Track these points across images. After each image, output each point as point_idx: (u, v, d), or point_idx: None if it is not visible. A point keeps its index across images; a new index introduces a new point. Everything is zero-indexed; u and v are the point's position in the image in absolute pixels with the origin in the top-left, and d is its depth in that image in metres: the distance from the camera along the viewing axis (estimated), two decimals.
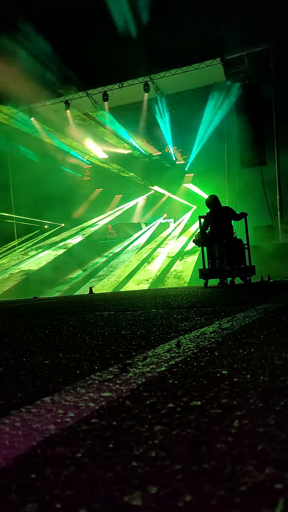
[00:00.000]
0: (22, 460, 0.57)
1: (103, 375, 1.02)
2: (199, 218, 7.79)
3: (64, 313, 3.40)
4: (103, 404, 0.79)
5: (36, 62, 10.26)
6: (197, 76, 12.84)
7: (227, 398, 0.77)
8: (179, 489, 0.47)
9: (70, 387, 0.94)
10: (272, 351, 1.16)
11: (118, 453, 0.58)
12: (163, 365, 1.08)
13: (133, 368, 1.07)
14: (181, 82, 13.22)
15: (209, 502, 0.44)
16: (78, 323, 2.41)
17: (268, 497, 0.44)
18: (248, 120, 11.73)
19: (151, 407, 0.76)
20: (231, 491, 0.46)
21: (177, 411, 0.72)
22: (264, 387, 0.82)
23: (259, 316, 2.03)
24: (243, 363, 1.04)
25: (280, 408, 0.70)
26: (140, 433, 0.64)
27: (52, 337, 1.83)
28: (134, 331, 1.81)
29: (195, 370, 1.01)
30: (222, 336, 1.50)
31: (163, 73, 12.79)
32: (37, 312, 3.78)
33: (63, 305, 4.75)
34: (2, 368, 1.21)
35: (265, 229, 11.35)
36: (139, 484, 0.49)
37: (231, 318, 2.01)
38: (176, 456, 0.55)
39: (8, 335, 2.05)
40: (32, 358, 1.34)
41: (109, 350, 1.39)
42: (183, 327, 1.81)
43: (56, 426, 0.70)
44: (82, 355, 1.33)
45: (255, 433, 0.61)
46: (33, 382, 1.02)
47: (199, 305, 3.11)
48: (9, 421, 0.74)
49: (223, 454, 0.55)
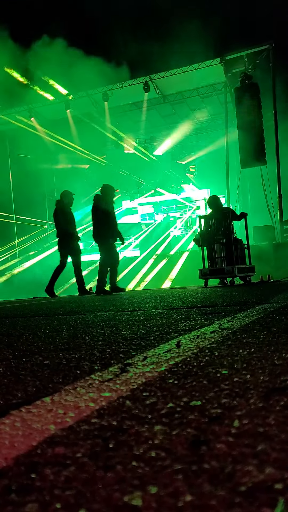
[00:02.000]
0: (22, 460, 0.57)
1: (103, 375, 1.02)
2: (199, 218, 7.80)
3: (64, 313, 3.40)
4: (103, 404, 0.79)
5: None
6: (197, 76, 12.84)
7: (227, 398, 0.77)
8: (179, 489, 0.47)
9: (70, 387, 0.94)
10: (272, 351, 1.16)
11: (118, 453, 0.58)
12: (163, 365, 1.08)
13: (133, 368, 1.07)
14: (181, 82, 13.22)
15: (209, 502, 0.44)
16: (78, 323, 2.41)
17: (268, 497, 0.44)
18: (248, 120, 11.73)
19: (151, 407, 0.76)
20: (231, 491, 0.46)
21: (177, 411, 0.72)
22: (264, 387, 0.82)
23: (259, 316, 2.03)
24: (243, 363, 1.04)
25: (280, 408, 0.70)
26: (140, 433, 0.64)
27: (52, 337, 1.83)
28: (134, 331, 1.81)
29: (195, 370, 1.01)
30: (222, 336, 1.50)
31: (163, 73, 12.79)
32: (37, 312, 3.78)
33: (63, 305, 4.75)
34: (2, 368, 1.21)
35: (265, 229, 11.34)
36: (139, 484, 0.49)
37: (231, 318, 2.01)
38: (176, 456, 0.55)
39: (8, 335, 2.05)
40: (32, 358, 1.34)
41: (109, 350, 1.39)
42: (183, 327, 1.81)
43: (56, 426, 0.69)
44: (82, 355, 1.33)
45: (255, 433, 0.61)
46: (33, 382, 1.02)
47: (199, 305, 3.11)
48: (9, 421, 0.74)
49: (223, 454, 0.55)
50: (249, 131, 11.66)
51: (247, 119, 11.75)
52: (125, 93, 13.44)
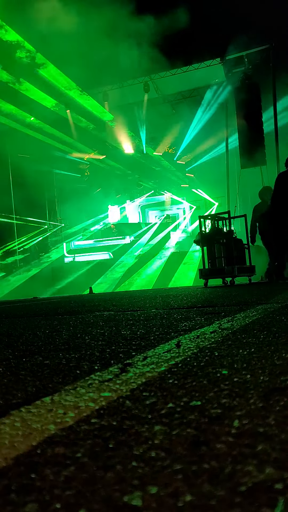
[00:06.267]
0: (22, 460, 0.57)
1: (103, 375, 1.02)
2: (199, 218, 7.80)
3: (64, 313, 3.40)
4: (103, 404, 0.79)
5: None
6: (197, 76, 12.84)
7: (227, 398, 0.77)
8: (179, 489, 0.47)
9: (70, 387, 0.94)
10: (272, 351, 1.16)
11: (118, 453, 0.58)
12: (163, 365, 1.08)
13: (133, 368, 1.07)
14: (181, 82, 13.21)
15: (209, 502, 0.44)
16: (78, 323, 2.41)
17: (268, 497, 0.44)
18: (248, 120, 11.73)
19: (151, 407, 0.76)
20: (231, 491, 0.46)
21: (177, 411, 0.72)
22: (264, 387, 0.82)
23: (259, 316, 2.03)
24: (243, 363, 1.04)
25: (280, 408, 0.70)
26: (140, 433, 0.64)
27: (52, 337, 1.83)
28: (134, 331, 1.81)
29: (195, 370, 1.01)
30: (222, 336, 1.50)
31: (163, 73, 12.79)
32: (37, 312, 3.78)
33: (63, 305, 4.75)
34: (2, 368, 1.21)
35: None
36: (139, 484, 0.49)
37: (231, 318, 2.01)
38: (176, 456, 0.55)
39: (8, 335, 2.05)
40: (32, 358, 1.34)
41: (109, 350, 1.39)
42: (183, 327, 1.81)
43: (56, 426, 0.69)
44: (82, 355, 1.33)
45: (255, 433, 0.61)
46: (33, 382, 1.02)
47: (199, 305, 3.11)
48: (9, 421, 0.74)
49: (223, 454, 0.55)
50: (249, 131, 11.65)
51: (247, 119, 11.75)
52: (125, 93, 13.43)
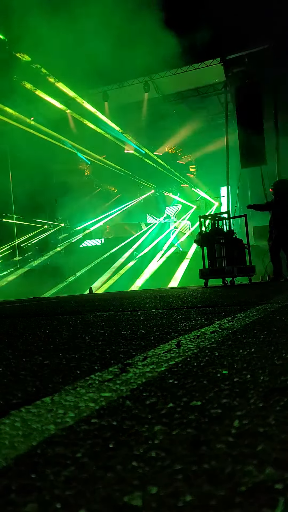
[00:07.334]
0: (22, 460, 0.57)
1: (103, 375, 1.02)
2: (200, 218, 7.80)
3: (64, 313, 3.40)
4: (103, 404, 0.79)
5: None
6: (197, 76, 12.83)
7: (227, 398, 0.77)
8: (179, 489, 0.47)
9: (70, 387, 0.94)
10: (272, 351, 1.16)
11: (118, 453, 0.58)
12: (163, 365, 1.08)
13: (133, 368, 1.07)
14: (181, 82, 13.21)
15: (209, 502, 0.44)
16: (78, 323, 2.41)
17: (268, 497, 0.44)
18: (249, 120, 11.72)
19: (151, 407, 0.76)
20: (231, 491, 0.46)
21: (177, 411, 0.72)
22: (264, 387, 0.82)
23: (259, 316, 2.03)
24: (243, 363, 1.04)
25: (280, 408, 0.70)
26: (140, 433, 0.64)
27: (52, 337, 1.83)
28: (134, 331, 1.81)
29: (195, 370, 1.01)
30: (222, 336, 1.50)
31: (163, 73, 12.78)
32: (37, 312, 3.78)
33: (63, 305, 4.75)
34: (2, 368, 1.21)
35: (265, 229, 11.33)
36: (139, 484, 0.49)
37: (231, 318, 2.01)
38: (176, 456, 0.55)
39: (8, 335, 2.05)
40: (32, 358, 1.34)
41: (109, 350, 1.39)
42: (183, 327, 1.81)
43: (56, 426, 0.69)
44: (82, 355, 1.33)
45: (255, 433, 0.61)
46: (33, 382, 1.02)
47: (199, 305, 3.11)
48: (9, 421, 0.74)
49: (223, 454, 0.55)
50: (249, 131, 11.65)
51: (247, 119, 11.74)
52: (125, 93, 13.43)
